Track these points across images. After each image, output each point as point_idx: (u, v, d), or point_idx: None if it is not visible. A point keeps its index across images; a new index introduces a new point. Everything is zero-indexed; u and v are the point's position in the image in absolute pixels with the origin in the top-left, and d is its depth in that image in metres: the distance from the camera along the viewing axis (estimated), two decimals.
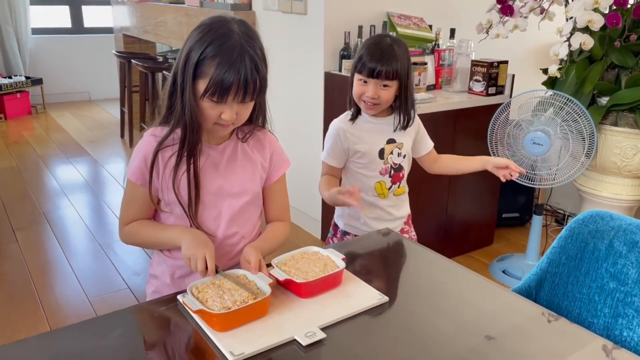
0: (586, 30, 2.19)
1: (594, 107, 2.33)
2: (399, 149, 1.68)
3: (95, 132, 5.26)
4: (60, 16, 6.40)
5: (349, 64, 2.41)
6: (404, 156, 1.69)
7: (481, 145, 2.55)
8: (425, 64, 2.63)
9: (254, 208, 1.33)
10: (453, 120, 2.59)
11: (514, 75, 2.74)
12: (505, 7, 2.38)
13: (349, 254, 1.30)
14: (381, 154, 1.66)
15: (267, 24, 3.13)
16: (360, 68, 1.55)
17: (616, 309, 1.21)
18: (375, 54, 1.52)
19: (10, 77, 5.75)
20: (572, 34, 2.18)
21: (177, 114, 1.17)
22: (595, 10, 2.13)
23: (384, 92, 1.56)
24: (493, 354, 1.01)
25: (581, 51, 2.32)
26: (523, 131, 2.39)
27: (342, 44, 2.70)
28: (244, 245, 1.28)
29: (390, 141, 1.66)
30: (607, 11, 2.16)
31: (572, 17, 2.16)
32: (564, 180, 2.36)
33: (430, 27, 2.81)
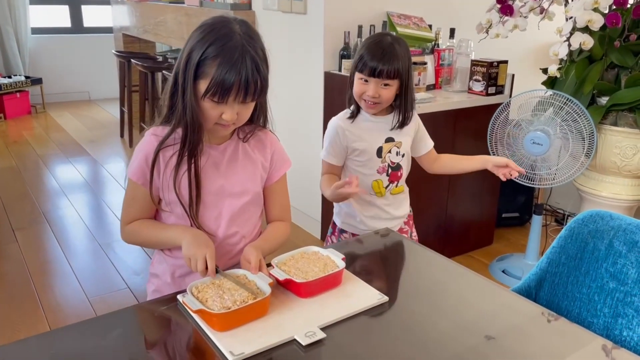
0: (586, 30, 2.19)
1: (593, 106, 2.33)
2: (398, 148, 1.68)
3: (95, 131, 5.26)
4: (60, 16, 6.40)
5: (349, 63, 2.41)
6: (402, 155, 1.69)
7: (481, 145, 2.55)
8: (425, 63, 2.63)
9: (254, 208, 1.33)
10: (453, 120, 2.59)
11: (513, 75, 2.74)
12: (505, 7, 2.38)
13: (349, 253, 1.30)
14: (379, 152, 1.65)
15: (267, 23, 3.13)
16: (361, 67, 1.55)
17: (616, 309, 1.21)
18: (377, 53, 1.52)
19: (9, 77, 5.75)
20: (571, 33, 2.19)
21: (178, 114, 1.17)
22: (595, 10, 2.13)
23: (384, 91, 1.56)
24: (493, 354, 1.01)
25: (581, 51, 2.32)
26: (523, 131, 2.39)
27: (341, 44, 2.70)
28: (245, 244, 1.28)
29: (389, 140, 1.66)
30: (607, 11, 2.16)
31: (571, 17, 2.16)
32: (564, 180, 2.36)
33: (430, 26, 2.81)
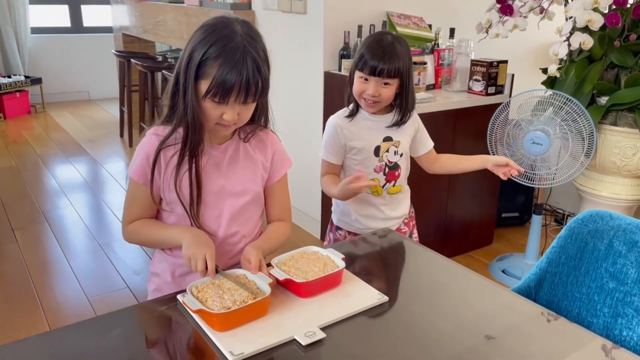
0: (586, 29, 2.19)
1: (593, 106, 2.33)
2: (396, 147, 1.67)
3: (95, 131, 5.26)
4: (60, 15, 6.40)
5: (349, 63, 2.41)
6: (400, 155, 1.68)
7: (481, 144, 2.55)
8: (424, 63, 2.62)
9: (255, 208, 1.33)
10: (452, 119, 2.59)
11: (513, 75, 2.74)
12: (504, 7, 2.38)
13: (349, 253, 1.30)
14: (377, 151, 1.65)
15: (267, 23, 3.13)
16: (361, 66, 1.55)
17: (616, 309, 1.21)
18: (377, 52, 1.52)
19: (9, 77, 5.74)
20: (571, 33, 2.19)
21: (180, 113, 1.18)
22: (595, 9, 2.13)
23: (384, 90, 1.56)
24: (493, 354, 1.01)
25: (581, 51, 2.32)
26: (522, 131, 2.39)
27: (341, 44, 2.70)
28: (245, 244, 1.28)
29: (387, 139, 1.65)
30: (607, 11, 2.16)
31: (571, 17, 2.16)
32: (564, 179, 2.36)
33: (430, 26, 2.81)
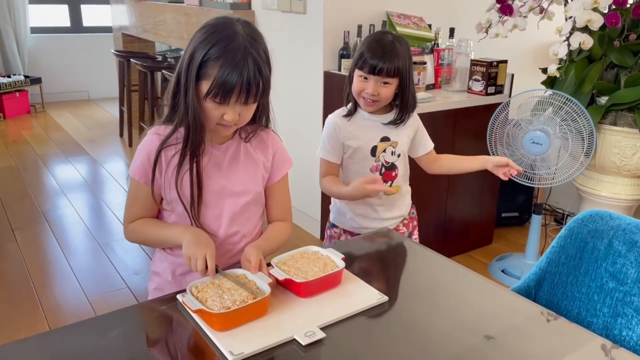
0: (585, 29, 2.19)
1: (593, 106, 2.33)
2: (393, 148, 1.66)
3: (94, 131, 5.26)
4: (59, 15, 6.39)
5: (349, 63, 2.41)
6: (398, 155, 1.68)
7: (480, 144, 2.55)
8: (424, 63, 2.62)
9: (255, 207, 1.33)
10: (452, 119, 2.59)
11: (513, 75, 2.74)
12: (504, 7, 2.38)
13: (349, 253, 1.30)
14: (373, 151, 1.64)
15: (266, 23, 3.13)
16: (361, 64, 1.54)
17: (615, 309, 1.21)
18: (377, 51, 1.52)
19: (9, 76, 5.74)
20: (571, 33, 2.19)
21: (181, 113, 1.18)
22: (595, 9, 2.14)
23: (384, 89, 1.56)
24: (492, 354, 1.01)
25: (580, 51, 2.32)
26: (522, 130, 2.39)
27: (341, 44, 2.70)
28: (245, 244, 1.28)
29: (385, 139, 1.65)
30: (607, 11, 2.16)
31: (571, 17, 2.16)
32: (563, 179, 2.36)
33: (430, 26, 2.81)
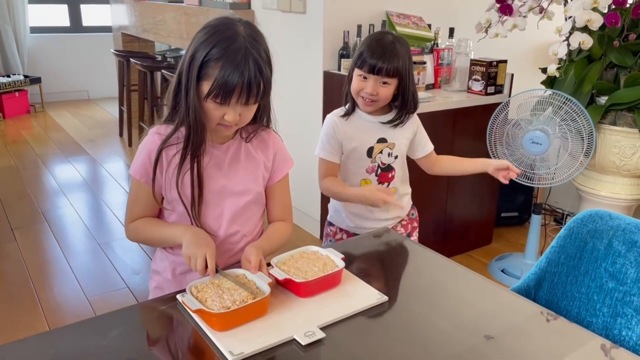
0: (585, 29, 2.19)
1: (592, 106, 2.33)
2: (390, 149, 1.66)
3: (94, 131, 5.26)
4: (59, 15, 6.39)
5: (348, 63, 2.41)
6: (395, 157, 1.67)
7: (480, 144, 2.55)
8: (424, 63, 2.62)
9: (256, 207, 1.34)
10: (452, 119, 2.59)
11: (512, 75, 2.74)
12: (504, 7, 2.38)
13: (349, 253, 1.30)
14: (369, 152, 1.64)
15: (266, 23, 3.13)
16: (360, 64, 1.54)
17: (615, 309, 1.21)
18: (377, 51, 1.52)
19: (8, 76, 5.74)
20: (571, 33, 2.18)
21: (182, 113, 1.18)
22: (594, 9, 2.13)
23: (383, 89, 1.55)
24: (492, 354, 1.01)
25: (580, 50, 2.32)
26: (522, 130, 2.39)
27: (341, 43, 2.70)
28: (245, 243, 1.28)
29: (381, 140, 1.65)
30: (606, 10, 2.16)
31: (571, 17, 2.16)
32: (563, 179, 2.37)
33: (429, 26, 2.81)
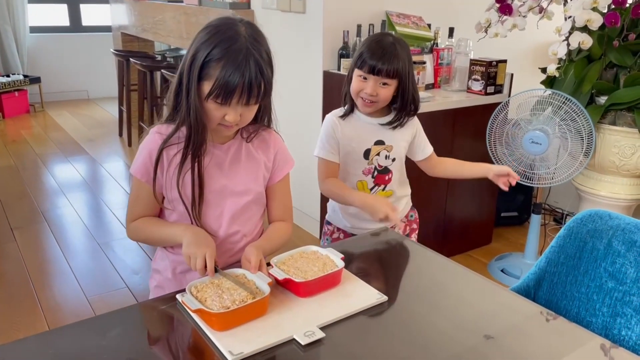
0: (585, 29, 2.19)
1: (592, 106, 2.33)
2: (388, 152, 1.65)
3: (94, 130, 5.26)
4: (59, 14, 6.39)
5: (348, 63, 2.41)
6: (393, 159, 1.67)
7: (480, 144, 2.55)
8: (423, 63, 2.63)
9: (256, 207, 1.34)
10: (452, 119, 2.59)
11: (512, 75, 2.74)
12: (504, 6, 2.38)
13: (348, 253, 1.30)
14: (366, 154, 1.64)
15: (266, 22, 3.13)
16: (360, 64, 1.54)
17: (614, 308, 1.21)
18: (377, 52, 1.52)
19: (8, 76, 5.74)
20: (570, 33, 2.19)
21: (182, 113, 1.18)
22: (594, 9, 2.14)
23: (382, 90, 1.55)
24: (492, 353, 1.01)
25: (580, 50, 2.32)
26: (522, 130, 2.40)
27: (340, 43, 2.70)
28: (246, 243, 1.28)
29: (379, 142, 1.64)
30: (606, 10, 2.16)
31: (570, 17, 2.16)
32: (563, 179, 2.37)
33: (429, 26, 2.81)
